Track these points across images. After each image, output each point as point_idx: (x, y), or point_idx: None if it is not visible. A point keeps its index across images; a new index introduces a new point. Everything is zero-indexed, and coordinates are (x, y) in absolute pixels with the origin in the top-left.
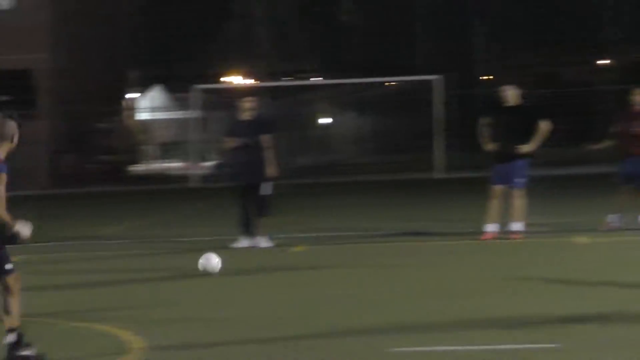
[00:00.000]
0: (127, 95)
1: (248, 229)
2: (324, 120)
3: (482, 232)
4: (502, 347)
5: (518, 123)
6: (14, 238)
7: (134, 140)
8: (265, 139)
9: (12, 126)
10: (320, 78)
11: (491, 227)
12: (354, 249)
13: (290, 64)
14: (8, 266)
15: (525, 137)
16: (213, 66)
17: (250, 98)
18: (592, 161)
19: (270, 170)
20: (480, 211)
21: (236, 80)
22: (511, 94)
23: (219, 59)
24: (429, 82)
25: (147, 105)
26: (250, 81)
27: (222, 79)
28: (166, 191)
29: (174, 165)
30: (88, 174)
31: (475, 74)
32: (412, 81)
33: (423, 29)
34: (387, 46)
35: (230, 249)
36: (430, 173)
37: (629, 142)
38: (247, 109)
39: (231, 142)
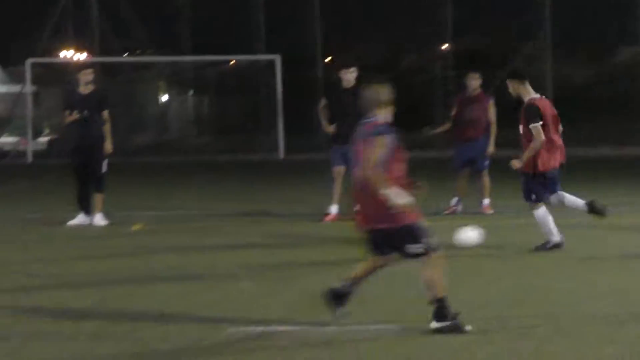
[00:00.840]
0: None
1: (85, 206)
2: (163, 99)
3: (324, 214)
4: (340, 328)
5: (357, 105)
6: None
7: None
8: (104, 114)
9: (388, 90)
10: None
11: (334, 209)
12: (193, 228)
13: (126, 41)
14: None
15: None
16: (47, 40)
17: (89, 70)
18: (432, 146)
19: (108, 146)
20: (320, 193)
21: (70, 55)
22: (350, 77)
23: (53, 34)
24: (269, 62)
25: None
26: (85, 56)
27: (57, 54)
28: (0, 167)
29: (7, 140)
30: None
31: (315, 55)
32: (251, 61)
33: (263, 9)
34: (226, 26)
35: (67, 226)
36: (271, 154)
37: (465, 127)
38: (86, 82)
39: (70, 117)
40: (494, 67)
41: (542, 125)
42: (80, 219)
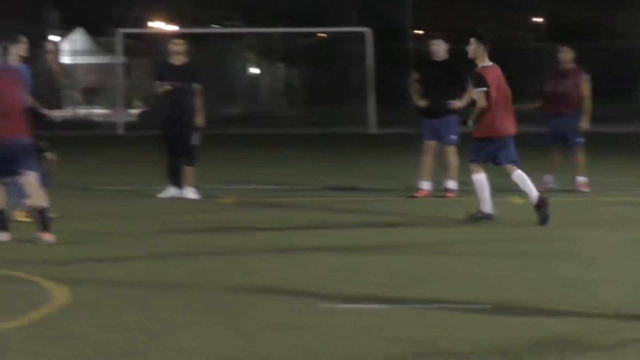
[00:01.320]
0: (49, 38)
1: (176, 179)
2: (252, 70)
3: (414, 189)
4: (432, 306)
5: (449, 78)
6: None
7: (56, 84)
8: (196, 86)
9: None
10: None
11: (425, 185)
12: (284, 203)
13: (215, 11)
14: None
15: (456, 93)
16: (138, 11)
17: (180, 41)
18: (524, 120)
19: (199, 119)
20: (411, 168)
21: (160, 25)
22: (438, 49)
23: (144, 4)
24: (358, 33)
25: (70, 48)
26: (175, 27)
27: (147, 25)
28: (90, 138)
29: (98, 111)
30: None
31: (405, 27)
32: (342, 33)
33: None
34: None
35: (157, 198)
36: (362, 127)
37: (557, 101)
38: (178, 53)
39: (163, 87)
40: (589, 39)
41: (487, 93)
42: (171, 191)
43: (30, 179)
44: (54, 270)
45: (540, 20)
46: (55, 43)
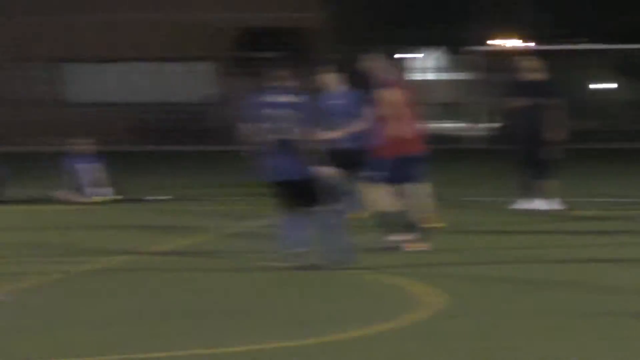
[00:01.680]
0: (398, 55)
1: (528, 192)
2: (596, 86)
3: None
4: None
5: None
6: None
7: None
8: (554, 101)
9: None
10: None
11: None
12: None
13: (566, 28)
14: None
15: None
16: (493, 28)
17: (534, 58)
18: None
19: (555, 133)
20: None
21: (509, 42)
22: None
23: (499, 21)
24: None
25: (424, 65)
26: (531, 44)
27: (502, 42)
28: (444, 151)
29: (458, 125)
30: None
31: None
32: None
33: None
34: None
35: (509, 210)
36: None
37: None
38: (533, 69)
39: (517, 103)
40: None
41: None
42: (524, 204)
43: (418, 190)
44: (421, 275)
45: None
46: (404, 60)
